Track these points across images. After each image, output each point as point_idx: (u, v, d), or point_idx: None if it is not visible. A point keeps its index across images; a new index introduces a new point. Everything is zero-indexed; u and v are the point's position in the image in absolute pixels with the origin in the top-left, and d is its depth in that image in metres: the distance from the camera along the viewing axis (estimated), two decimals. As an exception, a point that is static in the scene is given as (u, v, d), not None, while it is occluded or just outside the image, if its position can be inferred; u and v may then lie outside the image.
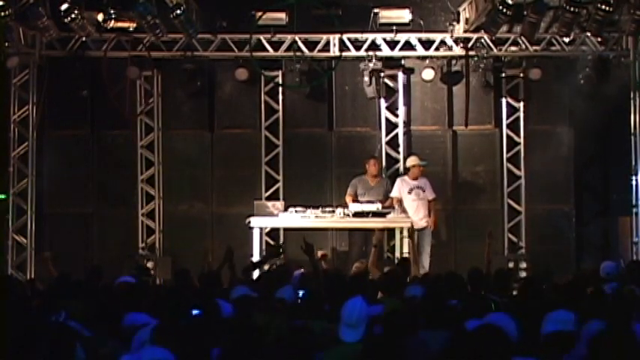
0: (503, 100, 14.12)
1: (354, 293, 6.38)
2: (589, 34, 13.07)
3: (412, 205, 12.92)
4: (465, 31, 13.46)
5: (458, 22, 13.55)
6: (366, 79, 13.46)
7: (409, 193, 12.97)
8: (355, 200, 12.79)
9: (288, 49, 13.59)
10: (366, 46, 13.59)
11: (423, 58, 13.77)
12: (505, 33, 13.31)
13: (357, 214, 12.16)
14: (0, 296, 7.46)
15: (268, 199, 13.64)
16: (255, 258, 11.66)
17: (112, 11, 12.69)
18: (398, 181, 13.15)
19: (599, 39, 13.39)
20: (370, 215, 12.14)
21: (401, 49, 13.63)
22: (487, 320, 5.41)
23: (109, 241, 14.06)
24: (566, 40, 13.36)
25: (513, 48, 13.62)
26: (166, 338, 5.09)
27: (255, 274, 9.92)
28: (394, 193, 13.03)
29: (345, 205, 12.52)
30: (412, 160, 13.09)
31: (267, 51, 13.62)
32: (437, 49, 13.66)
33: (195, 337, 5.48)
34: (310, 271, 8.85)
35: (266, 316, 6.45)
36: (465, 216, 14.10)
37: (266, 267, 10.57)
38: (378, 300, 7.76)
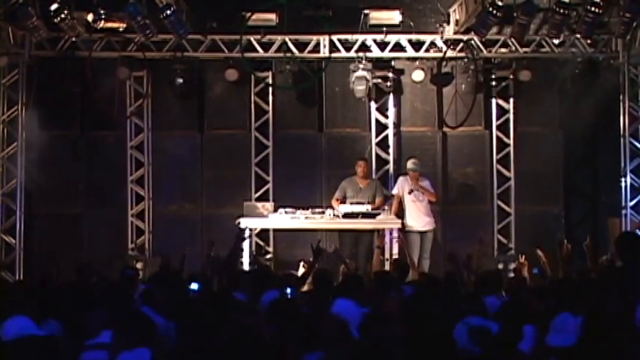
0: (493, 102, 14.15)
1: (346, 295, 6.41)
2: (579, 35, 13.09)
3: (411, 206, 12.95)
4: (455, 33, 13.47)
5: (448, 23, 13.56)
6: (359, 84, 13.43)
7: (409, 193, 13.00)
8: (343, 203, 12.75)
9: (278, 50, 13.58)
10: (356, 47, 13.59)
11: (413, 59, 13.78)
12: (495, 34, 13.30)
13: (346, 215, 12.18)
14: None
15: (258, 200, 13.62)
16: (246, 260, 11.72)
17: (101, 11, 12.65)
18: (401, 179, 13.18)
19: (589, 41, 13.40)
20: (360, 216, 12.17)
21: (391, 50, 13.63)
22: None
23: (98, 242, 13.98)
24: (556, 41, 13.37)
25: (503, 49, 13.62)
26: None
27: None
28: (395, 190, 13.11)
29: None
30: (408, 164, 13.12)
31: (257, 52, 13.60)
32: (427, 50, 13.68)
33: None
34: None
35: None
36: (455, 217, 14.10)
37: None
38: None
